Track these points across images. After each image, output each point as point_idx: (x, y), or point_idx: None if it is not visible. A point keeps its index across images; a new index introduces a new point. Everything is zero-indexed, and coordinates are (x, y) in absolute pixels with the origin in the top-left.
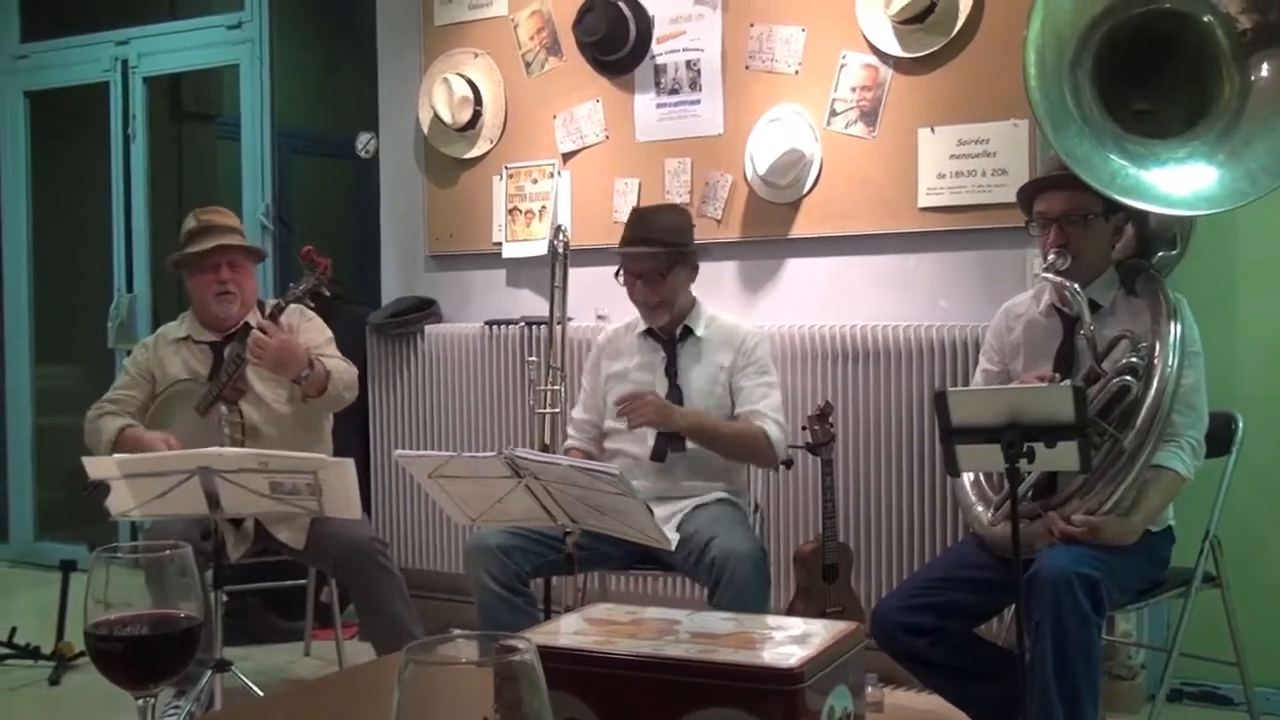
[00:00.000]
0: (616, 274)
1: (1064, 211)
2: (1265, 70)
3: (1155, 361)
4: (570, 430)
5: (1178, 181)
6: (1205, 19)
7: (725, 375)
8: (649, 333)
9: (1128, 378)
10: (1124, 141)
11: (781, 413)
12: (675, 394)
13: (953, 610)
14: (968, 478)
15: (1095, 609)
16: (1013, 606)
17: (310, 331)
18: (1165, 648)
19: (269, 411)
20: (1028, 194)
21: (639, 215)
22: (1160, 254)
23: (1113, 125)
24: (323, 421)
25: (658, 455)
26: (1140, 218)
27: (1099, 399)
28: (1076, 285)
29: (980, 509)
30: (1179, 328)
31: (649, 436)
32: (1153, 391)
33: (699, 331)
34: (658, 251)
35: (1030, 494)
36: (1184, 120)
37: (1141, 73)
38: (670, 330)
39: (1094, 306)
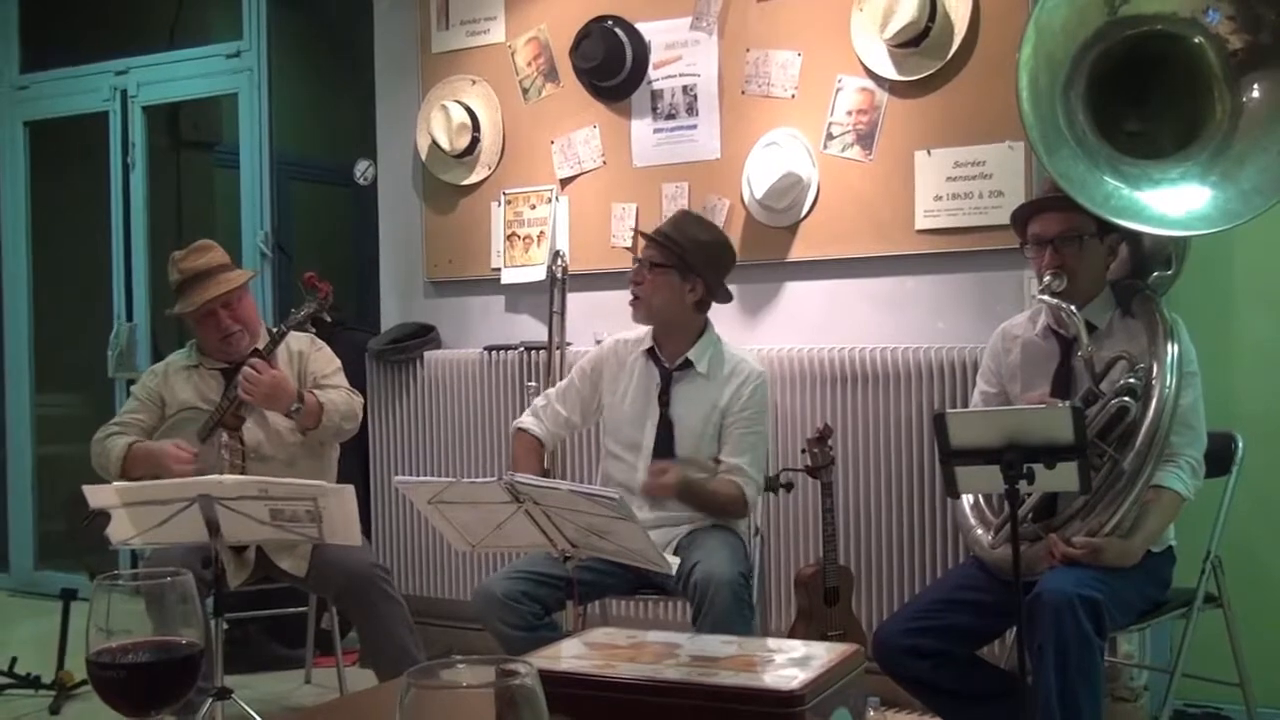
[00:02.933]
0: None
1: (1059, 233)
2: (1256, 91)
3: (1153, 382)
4: (531, 414)
5: (1171, 202)
6: (1196, 40)
7: (717, 415)
8: (651, 355)
9: (1126, 399)
10: (1117, 163)
11: (760, 467)
12: (665, 424)
13: (954, 633)
14: (968, 500)
15: (1097, 631)
16: (1014, 629)
17: (319, 361)
18: (1168, 669)
19: (279, 439)
20: (1022, 216)
21: (680, 214)
22: (1155, 274)
23: (1106, 147)
24: (329, 450)
25: None
26: (1134, 238)
27: (1098, 420)
28: (1073, 307)
29: (980, 531)
30: (1176, 348)
31: (639, 467)
32: (1151, 412)
33: (699, 366)
34: (661, 245)
35: (1031, 516)
36: (1177, 141)
37: (1134, 94)
38: (672, 358)
39: (1090, 328)
